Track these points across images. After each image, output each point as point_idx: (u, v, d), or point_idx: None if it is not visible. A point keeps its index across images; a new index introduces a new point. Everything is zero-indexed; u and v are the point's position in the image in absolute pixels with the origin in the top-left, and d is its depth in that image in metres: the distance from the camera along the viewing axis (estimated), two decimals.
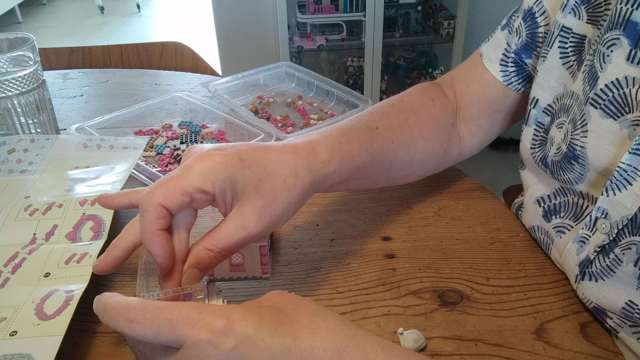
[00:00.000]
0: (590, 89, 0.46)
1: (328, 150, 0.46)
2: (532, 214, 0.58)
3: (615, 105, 0.44)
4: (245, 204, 0.41)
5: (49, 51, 1.16)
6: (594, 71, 0.46)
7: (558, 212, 0.54)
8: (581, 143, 0.47)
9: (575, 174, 0.49)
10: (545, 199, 0.55)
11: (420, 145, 0.57)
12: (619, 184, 0.43)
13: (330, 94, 0.89)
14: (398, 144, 0.54)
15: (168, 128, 0.81)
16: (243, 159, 0.41)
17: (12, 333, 0.42)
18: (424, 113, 0.58)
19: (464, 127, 0.63)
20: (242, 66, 2.21)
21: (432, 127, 0.58)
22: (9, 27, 4.01)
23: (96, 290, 0.52)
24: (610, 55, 0.44)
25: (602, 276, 0.46)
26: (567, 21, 0.51)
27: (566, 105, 0.51)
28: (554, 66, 0.52)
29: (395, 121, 0.55)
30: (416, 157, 0.57)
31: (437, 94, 0.61)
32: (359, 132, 0.51)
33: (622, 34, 0.43)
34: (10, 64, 0.68)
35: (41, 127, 0.72)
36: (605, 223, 0.45)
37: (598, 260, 0.46)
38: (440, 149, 0.60)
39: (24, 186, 0.60)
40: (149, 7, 4.62)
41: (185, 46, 1.19)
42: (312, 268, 0.55)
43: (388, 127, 0.54)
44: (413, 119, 0.57)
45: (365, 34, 2.13)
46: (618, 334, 0.47)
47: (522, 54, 0.58)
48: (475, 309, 0.49)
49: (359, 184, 0.54)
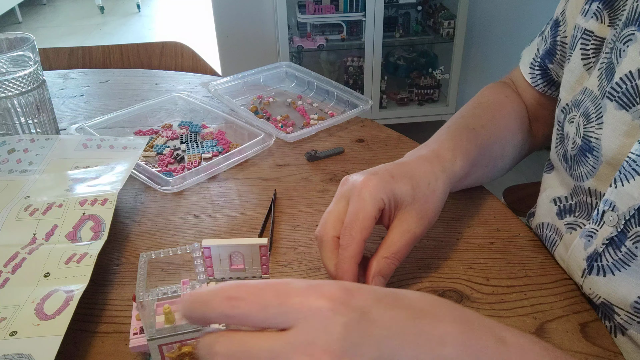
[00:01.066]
0: (608, 83, 0.48)
1: (451, 151, 0.53)
2: (544, 212, 0.58)
3: (627, 97, 0.45)
4: (405, 211, 0.47)
5: (49, 51, 1.16)
6: (611, 67, 0.48)
7: (573, 211, 0.55)
8: (596, 135, 0.48)
9: (587, 168, 0.50)
10: (562, 199, 0.57)
11: (509, 138, 0.63)
12: (627, 175, 0.44)
13: (330, 94, 0.89)
14: (494, 138, 0.61)
15: (168, 128, 0.81)
16: (394, 176, 0.48)
17: (12, 333, 0.42)
18: (504, 109, 0.65)
19: (534, 122, 0.69)
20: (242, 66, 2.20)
21: (514, 120, 0.65)
22: (9, 27, 4.01)
23: (96, 290, 0.52)
24: (626, 50, 0.46)
25: (612, 270, 0.47)
26: (589, 25, 0.53)
27: (578, 101, 0.52)
28: (575, 67, 0.55)
29: (485, 120, 0.61)
30: (506, 149, 0.63)
31: (508, 91, 0.68)
32: (464, 132, 0.57)
33: (637, 29, 0.45)
34: (10, 64, 0.68)
35: (41, 127, 0.72)
36: (612, 216, 0.46)
37: (608, 253, 0.47)
38: (522, 140, 0.66)
39: (24, 186, 0.60)
40: (149, 7, 4.62)
41: (185, 46, 1.19)
42: (312, 268, 0.55)
43: (482, 126, 0.60)
44: (498, 117, 0.63)
45: (365, 34, 2.13)
46: (627, 331, 0.47)
47: (545, 59, 0.63)
48: (476, 309, 0.49)
49: (471, 181, 0.61)
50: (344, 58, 2.31)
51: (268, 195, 0.66)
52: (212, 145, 0.76)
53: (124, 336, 0.47)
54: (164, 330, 0.40)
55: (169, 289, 0.40)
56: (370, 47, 2.14)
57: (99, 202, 0.57)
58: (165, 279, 0.53)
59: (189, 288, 0.40)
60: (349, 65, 2.30)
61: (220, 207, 0.64)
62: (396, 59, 2.37)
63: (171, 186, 0.66)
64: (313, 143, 0.77)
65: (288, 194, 0.66)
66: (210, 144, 0.77)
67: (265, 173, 0.71)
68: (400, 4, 2.23)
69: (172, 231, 0.60)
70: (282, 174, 0.70)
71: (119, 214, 0.63)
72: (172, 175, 0.68)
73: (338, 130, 0.81)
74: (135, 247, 0.58)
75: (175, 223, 0.62)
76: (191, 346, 0.41)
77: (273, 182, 0.69)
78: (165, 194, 0.66)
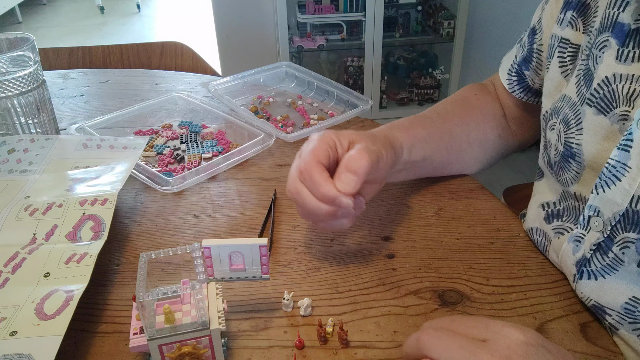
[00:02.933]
0: (587, 89, 0.48)
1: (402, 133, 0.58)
2: (533, 216, 0.58)
3: (605, 102, 0.46)
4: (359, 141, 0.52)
5: (49, 51, 1.16)
6: (589, 73, 0.49)
7: (561, 216, 0.55)
8: (576, 141, 0.49)
9: (572, 173, 0.51)
10: (551, 204, 0.57)
11: (473, 126, 0.66)
12: (608, 181, 0.45)
13: (330, 94, 0.89)
14: (452, 124, 0.65)
15: (168, 128, 0.81)
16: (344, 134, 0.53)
17: (12, 333, 0.42)
18: (469, 103, 0.68)
19: (512, 123, 0.70)
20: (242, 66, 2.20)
21: (479, 113, 0.68)
22: (9, 27, 4.01)
23: (96, 290, 0.52)
24: (601, 57, 0.47)
25: (602, 274, 0.47)
26: (564, 33, 0.54)
27: (557, 108, 0.53)
28: (554, 75, 0.56)
29: (443, 110, 0.66)
30: (472, 135, 0.66)
31: (480, 91, 0.70)
32: (418, 119, 0.63)
33: (611, 35, 0.46)
34: (10, 64, 0.68)
35: (41, 127, 0.72)
36: (598, 221, 0.46)
37: (596, 258, 0.47)
38: (493, 133, 0.68)
39: (24, 186, 0.60)
40: (149, 7, 4.61)
41: (185, 46, 1.19)
42: (312, 268, 0.55)
43: (437, 114, 0.65)
44: (460, 108, 0.67)
45: (365, 34, 2.13)
46: (617, 331, 0.47)
47: (522, 65, 0.64)
48: (476, 309, 0.49)
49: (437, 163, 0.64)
50: (344, 58, 2.31)
51: (268, 195, 0.66)
52: (212, 145, 0.76)
53: (124, 336, 0.47)
54: (164, 330, 0.40)
55: (169, 289, 0.40)
56: (370, 47, 2.14)
57: (99, 202, 0.57)
58: (165, 279, 0.53)
59: (189, 288, 0.41)
60: (349, 65, 2.30)
61: (220, 207, 0.64)
62: (396, 59, 2.37)
63: (171, 186, 0.66)
64: None
65: None
66: (210, 144, 0.77)
67: (265, 173, 0.71)
68: (400, 4, 2.23)
69: (172, 231, 0.60)
70: (282, 174, 0.70)
71: (119, 214, 0.63)
72: (172, 175, 0.68)
73: (338, 130, 0.81)
74: (135, 247, 0.58)
75: (175, 223, 0.62)
76: (191, 346, 0.41)
77: (273, 182, 0.69)
78: (165, 194, 0.66)
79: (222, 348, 0.43)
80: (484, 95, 0.70)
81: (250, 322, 0.48)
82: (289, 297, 0.49)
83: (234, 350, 0.46)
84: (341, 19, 2.18)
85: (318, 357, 0.45)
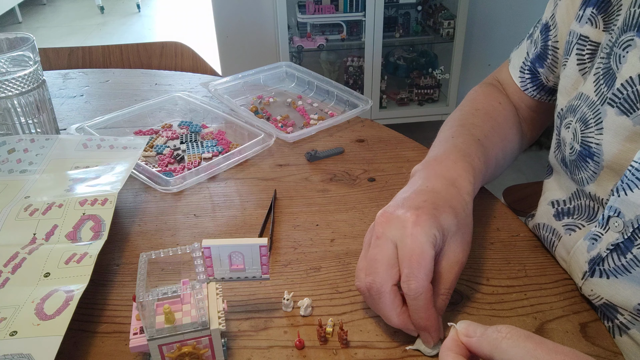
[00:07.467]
0: (608, 89, 0.47)
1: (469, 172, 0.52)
2: (542, 213, 0.58)
3: (629, 102, 0.45)
4: (451, 241, 0.46)
5: (49, 51, 1.16)
6: (611, 73, 0.47)
7: (571, 214, 0.55)
8: (596, 140, 0.48)
9: (588, 173, 0.50)
10: (561, 202, 0.56)
11: (508, 147, 0.63)
12: (630, 184, 0.44)
13: (330, 94, 0.89)
14: (496, 150, 0.60)
15: (168, 128, 0.81)
16: (437, 207, 0.46)
17: (12, 333, 0.42)
18: (500, 117, 0.64)
19: (523, 125, 0.68)
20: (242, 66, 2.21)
21: (509, 128, 0.64)
22: (9, 27, 4.01)
23: (96, 290, 0.52)
24: (625, 56, 0.46)
25: (615, 274, 0.47)
26: (584, 30, 0.53)
27: (573, 106, 0.52)
28: (571, 73, 0.55)
29: (487, 131, 0.60)
30: (506, 156, 0.64)
31: (501, 97, 0.67)
32: (472, 147, 0.56)
33: (636, 34, 0.45)
34: (10, 64, 0.68)
35: (41, 127, 0.72)
36: (618, 222, 0.46)
37: (612, 258, 0.47)
38: (517, 144, 0.66)
39: (24, 186, 0.60)
40: (149, 7, 4.61)
41: (185, 46, 1.19)
42: (312, 268, 0.55)
43: (485, 137, 0.59)
44: (496, 126, 0.62)
45: (365, 34, 2.12)
46: (628, 331, 0.47)
47: (535, 62, 0.63)
48: (476, 308, 0.49)
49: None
50: (344, 58, 2.31)
51: (268, 195, 0.66)
52: (212, 145, 0.76)
53: (124, 336, 0.47)
54: (164, 330, 0.40)
55: (169, 289, 0.40)
56: (370, 47, 2.14)
57: (99, 202, 0.57)
58: (165, 279, 0.53)
59: (189, 288, 0.40)
60: (349, 65, 2.30)
61: (220, 207, 0.64)
62: (396, 59, 2.36)
63: (171, 186, 0.66)
64: (313, 143, 0.77)
65: (288, 194, 0.66)
66: (210, 144, 0.77)
67: (265, 173, 0.71)
68: (400, 4, 2.23)
69: (172, 231, 0.60)
70: (282, 174, 0.70)
71: (119, 214, 0.63)
72: (172, 175, 0.68)
73: (338, 130, 0.81)
74: (135, 247, 0.58)
75: (175, 223, 0.62)
76: (191, 346, 0.41)
77: (273, 182, 0.69)
78: (165, 194, 0.66)
79: (222, 348, 0.43)
80: (506, 103, 0.67)
81: (250, 322, 0.48)
82: (289, 297, 0.49)
83: (234, 350, 0.46)
84: (341, 19, 2.18)
85: (318, 357, 0.45)
